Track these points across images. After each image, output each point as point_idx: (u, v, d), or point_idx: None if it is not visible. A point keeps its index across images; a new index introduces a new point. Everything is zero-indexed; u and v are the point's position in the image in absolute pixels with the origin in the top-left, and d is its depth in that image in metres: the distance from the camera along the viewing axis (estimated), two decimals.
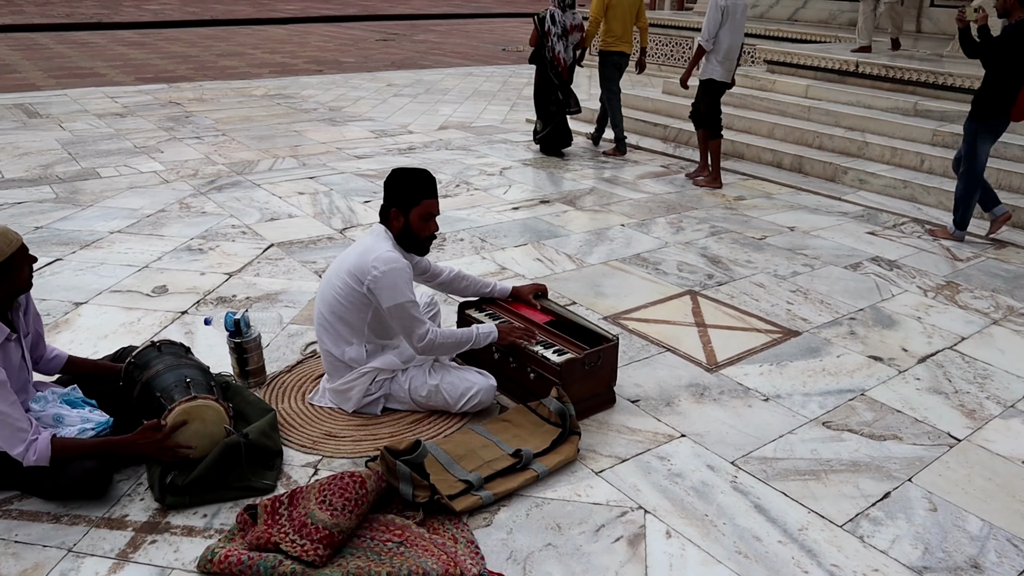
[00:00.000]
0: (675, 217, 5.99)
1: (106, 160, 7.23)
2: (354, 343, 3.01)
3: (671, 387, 3.42)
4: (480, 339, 3.05)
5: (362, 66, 14.76)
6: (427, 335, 2.90)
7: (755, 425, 3.15)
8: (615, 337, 3.21)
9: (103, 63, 13.74)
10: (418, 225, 2.96)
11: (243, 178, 6.77)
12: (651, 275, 4.75)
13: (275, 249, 4.99)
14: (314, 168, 7.18)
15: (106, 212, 5.68)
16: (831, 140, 7.53)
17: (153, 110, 9.81)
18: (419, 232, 2.97)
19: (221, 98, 10.89)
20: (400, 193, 2.95)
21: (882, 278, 4.79)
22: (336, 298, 2.97)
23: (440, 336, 2.93)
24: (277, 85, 12.00)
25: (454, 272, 3.40)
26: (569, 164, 7.55)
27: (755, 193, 6.78)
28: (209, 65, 14.07)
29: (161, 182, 6.53)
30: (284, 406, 3.15)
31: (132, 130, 8.59)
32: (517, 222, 5.75)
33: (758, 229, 5.75)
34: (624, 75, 9.08)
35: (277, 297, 4.23)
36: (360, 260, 2.92)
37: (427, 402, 3.07)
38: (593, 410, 3.17)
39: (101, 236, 5.17)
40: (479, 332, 3.05)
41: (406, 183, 2.94)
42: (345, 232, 5.36)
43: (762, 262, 5.03)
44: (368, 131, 8.91)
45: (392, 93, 11.79)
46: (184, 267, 4.66)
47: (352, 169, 7.19)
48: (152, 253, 4.86)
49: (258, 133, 8.63)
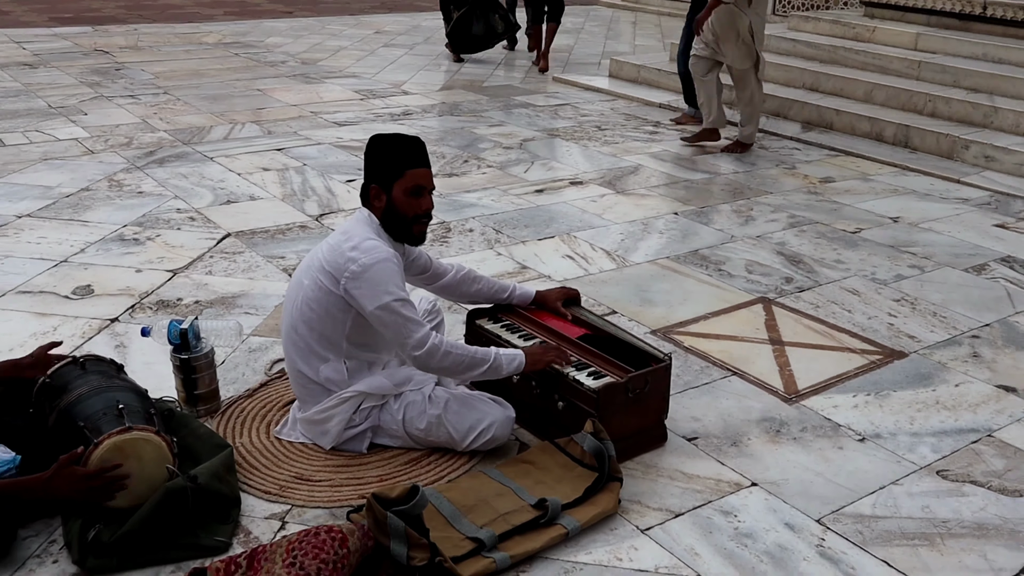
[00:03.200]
0: (744, 203, 5.98)
1: (11, 123, 7.32)
2: (331, 359, 3.02)
3: (738, 421, 3.42)
4: (500, 365, 3.03)
5: (343, 8, 14.86)
6: (427, 341, 2.90)
7: (848, 473, 3.13)
8: (667, 356, 3.20)
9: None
10: (403, 202, 2.97)
11: (191, 149, 6.83)
12: (713, 278, 4.74)
13: (232, 240, 5.03)
14: (282, 137, 7.23)
15: (11, 191, 5.73)
16: (948, 105, 7.50)
17: (73, 60, 9.91)
18: (405, 211, 2.98)
19: (162, 46, 11.00)
20: (379, 164, 2.97)
21: (1016, 284, 4.76)
22: (307, 303, 2.99)
23: (446, 346, 2.94)
24: (234, 31, 12.10)
25: (462, 272, 3.41)
26: (607, 135, 7.56)
27: (847, 173, 6.75)
28: (147, 4, 14.21)
29: (84, 152, 6.61)
30: (243, 441, 3.16)
31: (46, 85, 8.69)
32: (542, 209, 5.76)
33: (851, 219, 5.72)
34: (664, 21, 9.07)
35: (235, 301, 4.25)
36: (335, 253, 2.94)
37: (427, 437, 3.07)
38: (639, 449, 3.16)
39: (5, 221, 5.22)
40: (500, 356, 3.02)
41: (385, 151, 2.97)
42: (323, 219, 5.40)
43: (856, 262, 5.01)
44: (351, 91, 8.96)
45: (381, 43, 11.87)
46: (115, 262, 4.69)
47: (331, 139, 7.23)
48: (73, 244, 4.91)
49: (210, 92, 8.69)
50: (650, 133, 7.77)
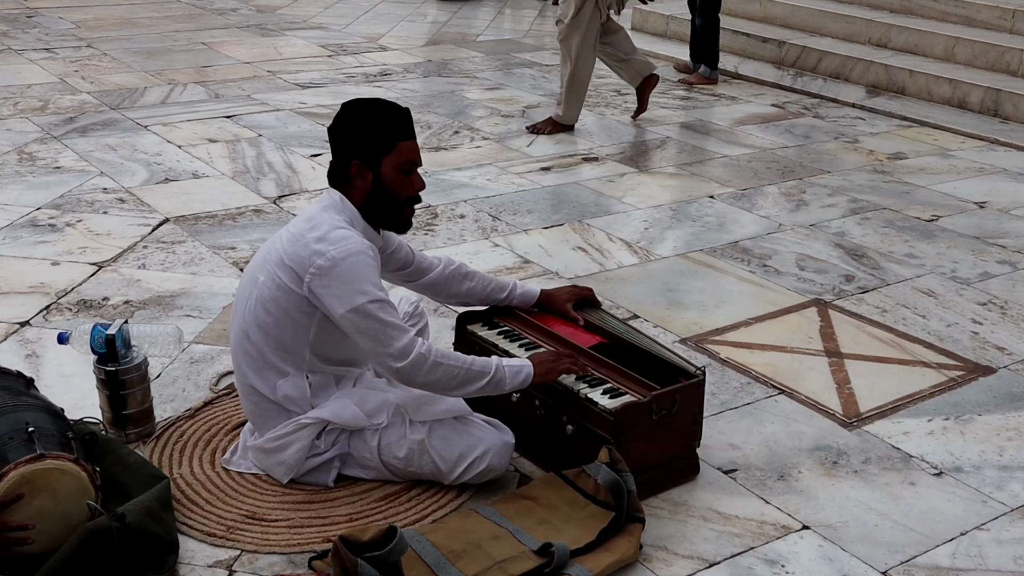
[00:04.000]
0: (795, 185, 5.98)
1: None
2: (291, 374, 3.02)
3: (787, 450, 3.41)
4: (502, 379, 3.01)
5: None
6: (412, 350, 2.89)
7: (921, 514, 3.11)
8: (699, 370, 3.20)
9: None
10: (395, 181, 2.99)
11: (120, 115, 6.84)
12: (756, 275, 4.74)
13: (171, 227, 5.03)
14: (233, 102, 7.24)
15: None
16: None
17: None
18: (397, 191, 3.00)
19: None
20: (362, 137, 2.98)
21: None
22: (262, 304, 2.98)
23: (436, 355, 2.92)
24: None
25: (451, 267, 3.40)
26: (629, 100, 7.56)
27: (922, 148, 6.76)
28: None
29: None
30: (182, 472, 3.14)
31: None
32: (548, 190, 5.77)
33: (926, 205, 5.72)
34: None
35: (174, 302, 4.25)
36: (297, 244, 2.93)
37: (407, 467, 3.06)
38: (664, 483, 3.15)
39: None
40: (502, 368, 3.02)
41: (370, 121, 2.98)
42: (282, 202, 5.41)
43: (933, 256, 5.01)
44: (317, 46, 8.96)
45: None
46: (26, 252, 4.70)
47: (292, 104, 7.23)
48: None
49: (144, 45, 8.68)
50: (681, 99, 7.77)
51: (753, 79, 8.45)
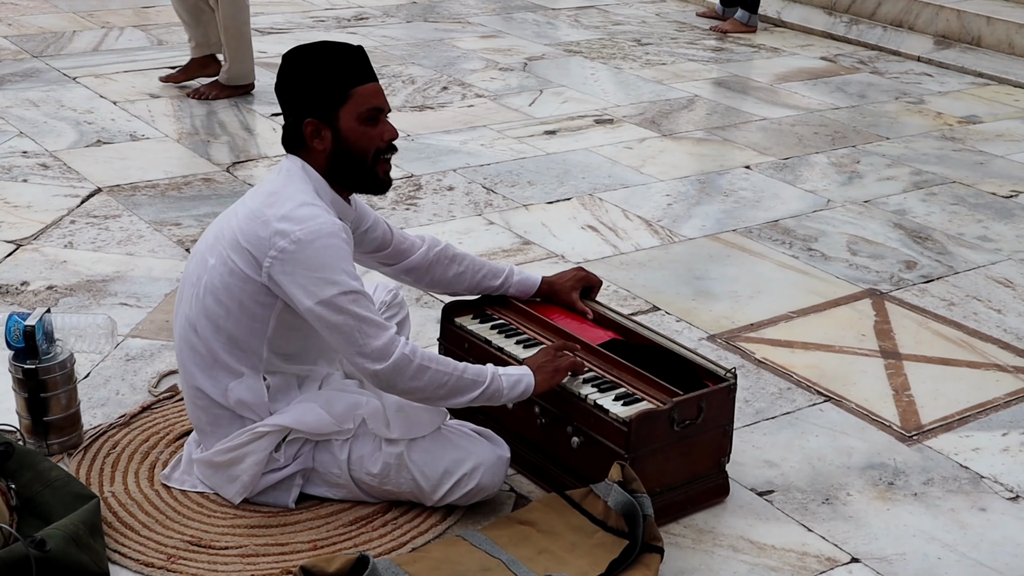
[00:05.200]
0: (847, 153, 5.98)
1: None
2: (245, 374, 3.01)
3: (833, 468, 3.41)
4: (499, 390, 3.00)
5: None
6: (393, 350, 2.87)
7: (994, 545, 3.10)
8: (730, 373, 3.20)
9: None
10: (358, 134, 2.96)
11: (44, 64, 6.83)
12: (799, 260, 4.75)
13: (104, 198, 5.02)
14: (179, 49, 7.20)
15: None
16: None
17: None
18: (364, 146, 2.97)
19: None
20: (311, 90, 2.96)
21: None
22: (212, 292, 2.97)
23: (422, 357, 2.92)
24: None
25: (437, 248, 3.39)
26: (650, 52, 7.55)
27: (1000, 110, 6.75)
28: None
29: None
30: (115, 490, 3.12)
31: None
32: (553, 158, 5.76)
33: (1004, 177, 5.72)
34: None
35: (107, 287, 4.25)
36: (255, 222, 2.92)
37: (382, 485, 3.06)
38: (688, 506, 3.15)
39: None
40: (500, 377, 3.00)
41: (316, 69, 2.96)
42: (236, 170, 5.41)
43: (1011, 240, 5.02)
44: None
45: None
46: None
47: None
48: None
49: None
50: (713, 50, 7.76)
51: (799, 27, 8.44)
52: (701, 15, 8.70)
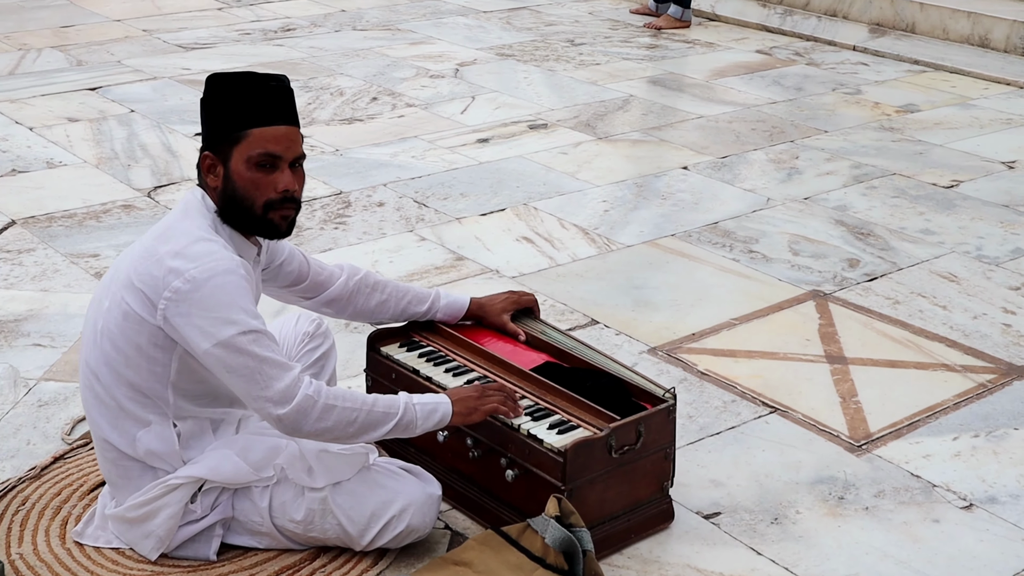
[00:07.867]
0: (786, 149, 6.01)
1: None
2: (153, 422, 2.93)
3: (781, 485, 3.39)
4: (412, 421, 2.95)
5: None
6: (296, 392, 2.81)
7: (949, 559, 3.09)
8: (669, 393, 3.15)
9: None
10: (245, 180, 2.87)
11: None
12: (740, 263, 4.75)
13: (18, 231, 4.96)
14: (99, 70, 7.20)
15: None
16: None
17: None
18: (249, 193, 2.88)
19: None
20: (210, 120, 2.92)
21: None
22: (108, 337, 2.89)
23: (327, 396, 2.86)
24: None
25: (356, 276, 3.34)
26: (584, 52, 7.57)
27: (938, 97, 6.81)
28: None
29: None
30: (24, 551, 3.05)
31: None
32: (486, 167, 5.76)
33: (944, 167, 5.75)
34: None
35: (19, 327, 4.20)
36: (148, 260, 2.84)
37: (307, 532, 3.01)
38: (631, 536, 3.13)
39: None
40: (413, 407, 2.95)
41: (220, 99, 2.90)
42: (157, 195, 5.36)
43: (953, 232, 5.03)
44: None
45: None
46: None
47: (173, 71, 7.21)
48: None
49: None
50: (648, 48, 7.80)
51: (734, 20, 8.53)
52: (634, 12, 8.75)
